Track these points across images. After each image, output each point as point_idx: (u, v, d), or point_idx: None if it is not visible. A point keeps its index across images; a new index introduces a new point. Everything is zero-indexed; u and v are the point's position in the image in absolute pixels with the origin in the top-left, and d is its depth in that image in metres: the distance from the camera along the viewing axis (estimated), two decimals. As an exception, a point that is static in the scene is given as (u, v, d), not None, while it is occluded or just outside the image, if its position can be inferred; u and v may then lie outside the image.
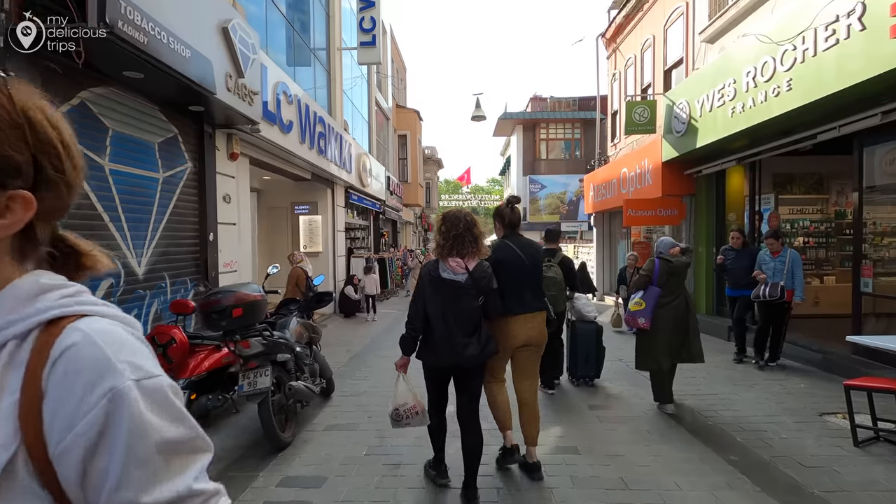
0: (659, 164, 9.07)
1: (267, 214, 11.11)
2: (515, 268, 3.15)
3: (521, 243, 3.26)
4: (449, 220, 2.89)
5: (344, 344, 8.05)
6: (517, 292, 3.12)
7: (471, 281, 2.81)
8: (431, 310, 2.84)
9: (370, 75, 16.09)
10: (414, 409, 2.98)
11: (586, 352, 5.38)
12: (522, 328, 3.13)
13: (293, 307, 4.88)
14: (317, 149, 8.69)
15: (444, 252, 2.85)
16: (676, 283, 4.50)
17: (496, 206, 3.47)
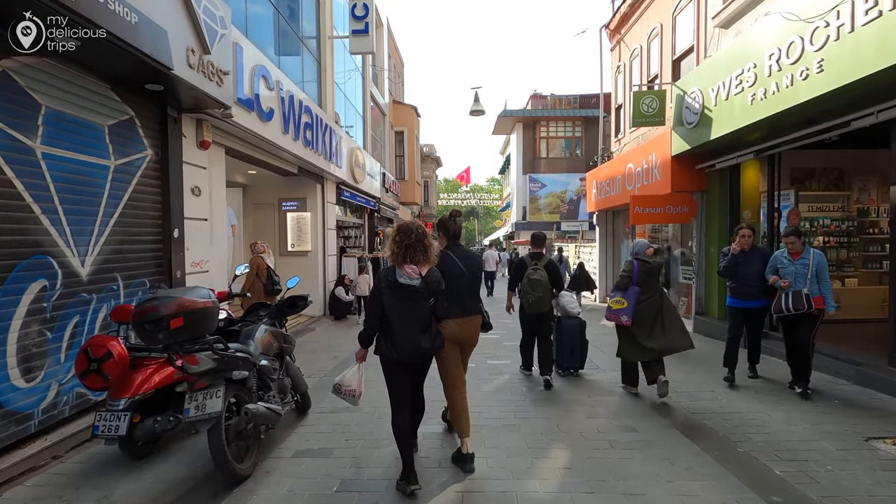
0: (668, 159, 8.51)
1: (253, 211, 10.54)
2: (455, 276, 3.45)
3: (460, 254, 3.59)
4: (402, 231, 3.19)
5: (331, 349, 7.49)
6: (457, 298, 3.46)
7: (424, 285, 3.12)
8: (389, 311, 3.13)
9: (365, 68, 15.52)
10: (353, 392, 3.40)
11: (571, 345, 5.82)
12: (460, 329, 3.50)
13: (263, 313, 4.31)
14: (302, 140, 8.12)
15: (399, 259, 3.14)
16: (653, 282, 4.97)
17: (495, 204, 3.35)
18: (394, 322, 3.12)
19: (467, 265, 3.56)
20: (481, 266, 3.83)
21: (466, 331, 3.57)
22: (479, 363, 6.43)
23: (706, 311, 8.50)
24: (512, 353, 6.92)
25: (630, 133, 12.18)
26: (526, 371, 5.92)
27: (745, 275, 5.27)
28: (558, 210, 28.39)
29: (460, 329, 3.50)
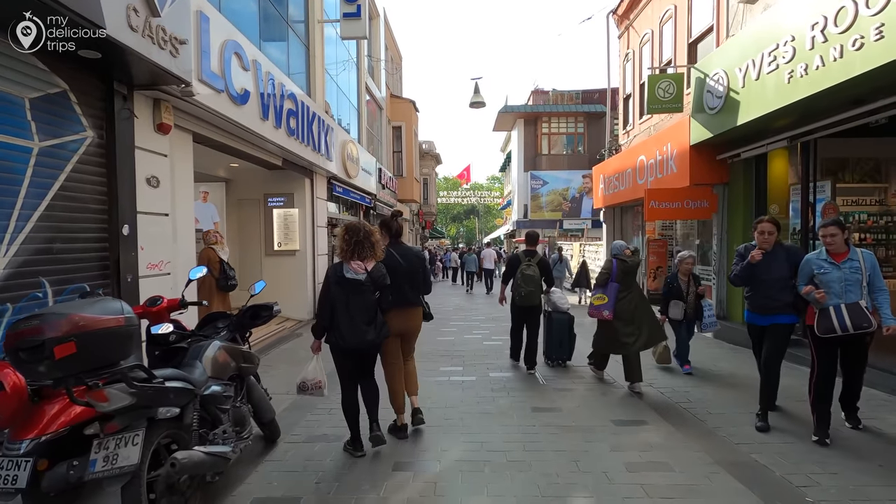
0: (686, 149, 7.78)
1: (236, 208, 9.82)
2: (396, 271, 3.74)
3: (401, 251, 3.92)
4: (350, 230, 3.48)
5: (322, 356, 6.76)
6: (398, 291, 3.77)
7: (369, 280, 3.41)
8: (337, 303, 3.40)
9: (360, 59, 14.79)
10: (319, 384, 3.62)
11: (560, 338, 6.15)
12: (402, 319, 3.88)
13: (222, 325, 3.59)
14: (286, 129, 7.39)
15: (347, 256, 3.43)
16: (630, 280, 5.32)
17: (495, 203, 2.95)
18: (342, 314, 3.42)
19: (408, 261, 3.90)
20: (423, 261, 4.12)
21: (408, 321, 3.98)
22: (480, 376, 5.71)
23: (728, 315, 7.78)
24: (517, 366, 6.20)
25: (640, 124, 11.45)
26: (514, 361, 6.32)
27: (767, 281, 3.99)
28: (560, 208, 27.67)
29: (402, 320, 3.90)
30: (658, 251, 11.42)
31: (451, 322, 10.00)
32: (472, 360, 6.61)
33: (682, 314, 5.91)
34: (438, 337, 8.32)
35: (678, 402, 4.70)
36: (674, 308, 5.95)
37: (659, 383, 5.37)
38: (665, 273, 11.54)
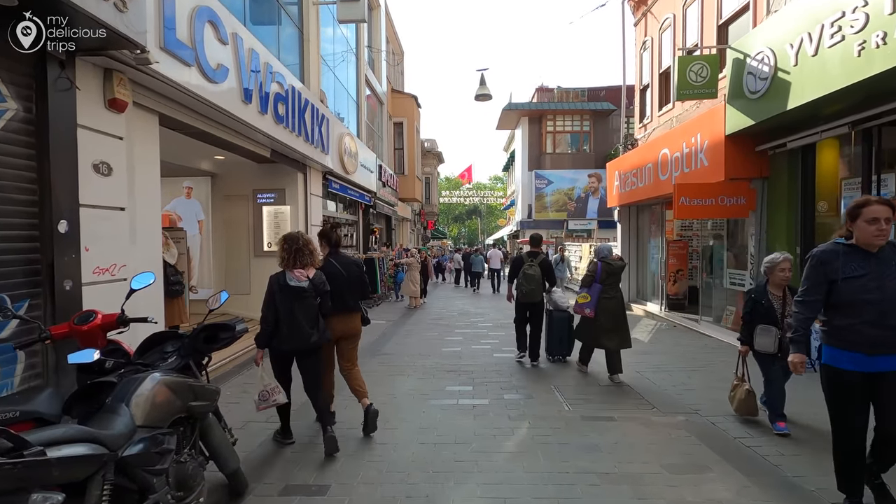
0: (720, 139, 6.97)
1: (223, 204, 9.02)
2: (336, 279, 3.97)
3: (341, 260, 4.16)
4: (288, 240, 3.73)
5: (305, 375, 5.97)
6: (338, 297, 3.97)
7: (311, 286, 3.64)
8: (281, 309, 3.58)
9: (359, 48, 14.00)
10: (276, 389, 3.63)
11: (560, 335, 6.38)
12: (341, 324, 4.11)
13: (171, 349, 2.79)
14: (273, 115, 6.59)
15: (289, 264, 3.65)
16: (614, 282, 5.61)
17: (498, 203, 2.82)
18: (285, 320, 3.56)
19: (347, 270, 4.10)
20: (361, 269, 4.31)
21: (348, 325, 4.16)
22: (493, 398, 4.90)
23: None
24: (533, 383, 5.38)
25: (659, 116, 10.64)
26: (521, 353, 6.47)
27: (879, 302, 2.57)
28: (565, 208, 26.89)
29: (341, 323, 4.08)
30: (678, 253, 10.61)
31: (455, 330, 9.19)
32: (483, 376, 5.81)
33: (775, 345, 3.95)
34: (443, 348, 7.51)
35: (739, 438, 3.88)
36: (763, 336, 4.01)
37: (707, 409, 4.55)
38: (685, 277, 10.75)
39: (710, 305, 8.82)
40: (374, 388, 5.33)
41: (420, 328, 9.44)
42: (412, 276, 12.76)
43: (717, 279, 8.75)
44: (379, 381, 5.63)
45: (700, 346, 7.48)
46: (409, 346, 7.72)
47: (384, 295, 13.99)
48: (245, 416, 4.46)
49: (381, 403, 4.77)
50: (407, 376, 5.88)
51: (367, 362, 6.54)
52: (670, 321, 9.69)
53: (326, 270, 3.89)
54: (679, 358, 6.68)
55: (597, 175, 26.50)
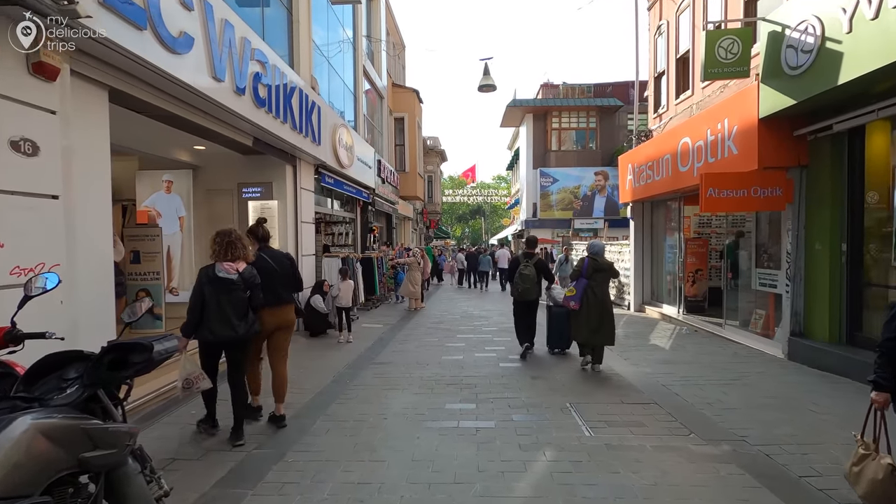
0: (753, 123, 6.23)
1: (205, 199, 8.34)
2: (268, 272, 4.07)
3: (271, 254, 4.28)
4: (221, 235, 3.82)
5: (293, 384, 5.25)
6: (271, 290, 4.07)
7: (241, 279, 3.73)
8: (209, 301, 3.64)
9: (357, 37, 13.32)
10: (200, 376, 3.62)
11: (559, 330, 6.63)
12: (274, 316, 4.17)
13: (74, 375, 2.09)
14: (252, 98, 5.91)
15: (220, 257, 3.74)
16: (601, 278, 5.87)
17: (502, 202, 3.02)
18: (213, 311, 3.66)
19: (278, 263, 4.23)
20: (293, 262, 4.42)
21: (281, 317, 4.25)
22: (500, 419, 4.18)
23: (808, 331, 6.20)
24: (545, 399, 4.65)
25: (677, 104, 9.90)
26: (525, 346, 6.70)
27: None
28: (571, 206, 26.20)
29: (274, 316, 4.18)
30: (697, 251, 9.87)
31: (458, 335, 8.48)
32: (488, 391, 5.09)
33: None
34: (444, 355, 6.80)
35: (807, 478, 3.15)
36: None
37: (756, 436, 3.81)
38: (705, 278, 10.00)
39: (735, 308, 8.08)
40: (363, 406, 4.64)
41: (419, 333, 8.74)
42: (412, 277, 12.05)
43: (743, 280, 8.01)
44: (370, 397, 4.93)
45: (728, 354, 6.74)
46: (407, 353, 7.02)
47: (383, 296, 13.29)
48: (205, 445, 3.77)
49: (370, 427, 4.09)
50: (402, 390, 5.18)
51: (358, 373, 5.86)
52: (690, 325, 8.95)
53: (257, 265, 3.98)
54: (708, 368, 5.94)
55: (603, 173, 25.78)
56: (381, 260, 12.92)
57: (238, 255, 3.75)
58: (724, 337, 7.81)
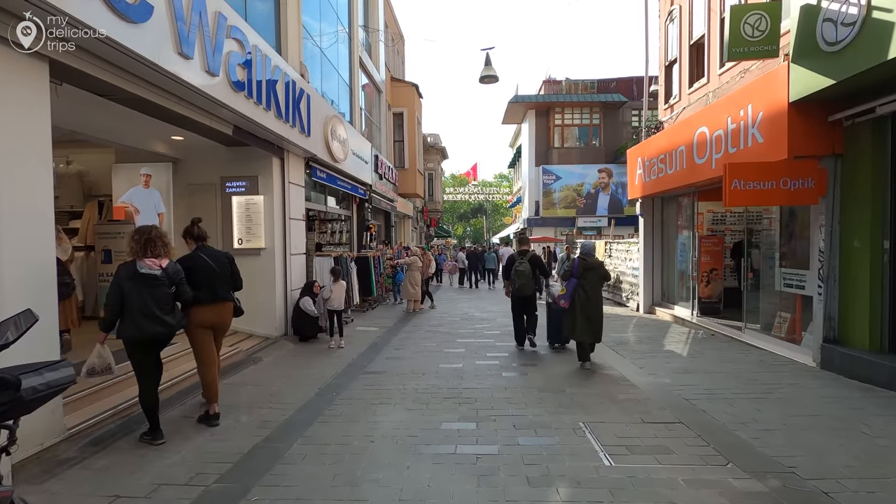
0: (782, 108, 5.64)
1: (186, 194, 7.78)
2: (207, 271, 4.17)
3: (209, 253, 4.30)
4: (140, 232, 3.79)
5: (272, 399, 4.69)
6: (208, 288, 4.15)
7: (165, 275, 3.73)
8: (133, 297, 3.60)
9: (352, 27, 12.75)
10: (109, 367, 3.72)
11: (557, 325, 6.81)
12: (212, 314, 4.23)
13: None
14: (228, 79, 5.34)
15: (139, 254, 3.70)
16: (592, 277, 6.01)
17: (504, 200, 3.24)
18: (137, 307, 3.60)
19: (216, 261, 4.26)
20: (231, 261, 4.45)
21: (218, 315, 4.28)
22: (504, 443, 3.60)
23: (843, 338, 5.62)
24: (554, 416, 4.07)
25: (690, 94, 9.31)
26: (519, 346, 7.07)
27: None
28: (574, 204, 25.68)
29: (213, 313, 4.22)
30: (712, 249, 9.29)
31: (458, 339, 7.91)
32: (490, 406, 4.53)
33: None
34: (442, 363, 6.24)
35: None
36: None
37: (807, 466, 3.23)
38: (720, 278, 9.42)
39: (756, 311, 7.50)
40: (348, 425, 4.08)
41: (417, 337, 8.17)
42: (411, 278, 11.49)
43: (765, 280, 7.43)
44: (357, 414, 4.37)
45: (753, 361, 6.16)
46: (402, 361, 6.46)
47: (380, 297, 12.73)
48: (157, 476, 3.21)
49: (354, 453, 3.52)
50: (394, 405, 4.62)
51: (347, 385, 5.30)
52: (706, 328, 8.37)
53: (194, 263, 4.13)
54: (734, 379, 5.36)
55: (607, 170, 25.22)
56: (379, 259, 12.36)
57: (159, 252, 3.74)
58: (745, 342, 7.23)
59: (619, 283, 13.54)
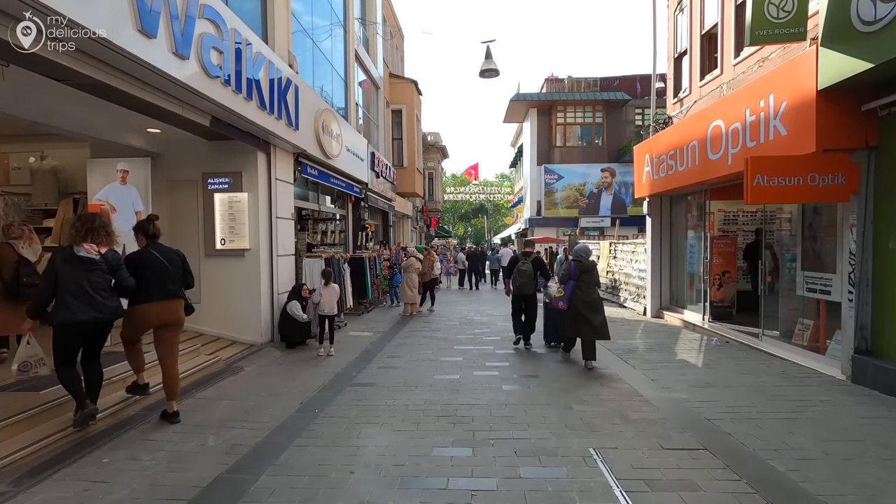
0: (809, 97, 5.15)
1: (166, 191, 7.29)
2: (158, 268, 4.10)
3: (160, 250, 4.22)
4: (82, 219, 3.79)
5: (248, 417, 4.21)
6: (159, 285, 4.09)
7: (104, 260, 3.74)
8: (68, 282, 3.54)
9: (347, 20, 12.27)
10: (42, 361, 3.74)
11: (554, 324, 7.05)
12: (163, 311, 4.14)
13: None
14: (199, 62, 4.86)
15: (79, 238, 3.68)
16: (588, 278, 6.15)
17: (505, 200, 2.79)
18: (73, 292, 3.55)
19: (167, 258, 4.19)
20: (182, 259, 4.37)
21: (169, 311, 4.18)
22: (504, 476, 3.10)
23: (877, 348, 5.12)
24: (560, 438, 3.57)
25: (701, 86, 8.82)
26: (516, 338, 7.40)
27: None
28: (577, 204, 25.19)
29: (164, 309, 4.13)
30: (724, 251, 8.81)
31: (455, 346, 7.43)
32: (488, 427, 4.04)
33: None
34: (437, 374, 5.77)
35: None
36: None
37: (856, 508, 2.74)
38: (733, 281, 8.91)
39: (775, 316, 7.00)
40: (326, 452, 3.59)
41: (412, 343, 7.69)
42: (409, 280, 11.01)
43: (784, 283, 6.94)
44: (339, 436, 3.89)
45: (776, 373, 5.67)
46: (394, 371, 5.97)
47: (376, 300, 12.25)
48: None
49: (330, 488, 3.07)
50: (381, 425, 4.13)
51: (332, 400, 4.82)
52: (720, 335, 7.87)
53: (145, 259, 4.07)
54: (757, 394, 4.86)
55: (610, 170, 24.74)
56: (375, 260, 11.88)
57: (101, 241, 3.73)
58: (763, 350, 6.74)
59: (616, 283, 13.12)
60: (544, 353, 6.87)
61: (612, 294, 13.28)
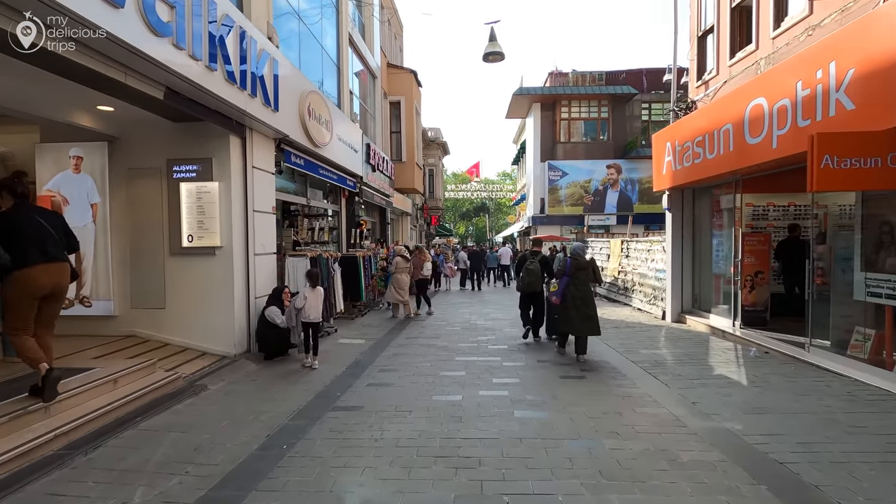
0: (889, 61, 4.22)
1: (125, 180, 6.37)
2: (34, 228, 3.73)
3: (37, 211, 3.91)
4: None
5: (196, 457, 3.30)
6: (38, 246, 3.70)
7: None
8: None
9: (341, 2, 11.34)
10: None
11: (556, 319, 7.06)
12: (47, 275, 3.73)
13: None
14: (142, 15, 3.95)
15: None
16: (584, 276, 6.35)
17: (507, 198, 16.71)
18: None
19: (45, 217, 3.87)
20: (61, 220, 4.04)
21: (56, 275, 3.81)
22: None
23: None
24: (595, 494, 2.68)
25: (731, 66, 7.89)
26: (524, 336, 7.62)
27: None
28: (582, 202, 24.28)
29: (47, 275, 3.74)
30: (757, 249, 7.90)
31: (457, 356, 6.51)
32: (499, 475, 3.12)
33: None
34: (436, 393, 4.85)
35: None
36: None
37: None
38: (767, 282, 7.99)
39: (825, 324, 6.07)
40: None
41: (408, 353, 6.77)
42: (395, 281, 10.10)
43: (837, 287, 6.01)
44: (307, 486, 2.98)
45: (840, 394, 4.74)
46: (386, 389, 5.06)
47: (371, 302, 11.32)
48: None
49: None
50: (361, 469, 3.22)
51: (306, 431, 3.91)
52: (757, 344, 6.93)
53: (17, 221, 3.69)
54: (829, 425, 3.94)
55: (616, 166, 23.81)
56: (370, 259, 10.95)
57: None
58: (813, 364, 5.82)
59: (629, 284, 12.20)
60: (557, 364, 6.13)
61: (625, 296, 12.36)
